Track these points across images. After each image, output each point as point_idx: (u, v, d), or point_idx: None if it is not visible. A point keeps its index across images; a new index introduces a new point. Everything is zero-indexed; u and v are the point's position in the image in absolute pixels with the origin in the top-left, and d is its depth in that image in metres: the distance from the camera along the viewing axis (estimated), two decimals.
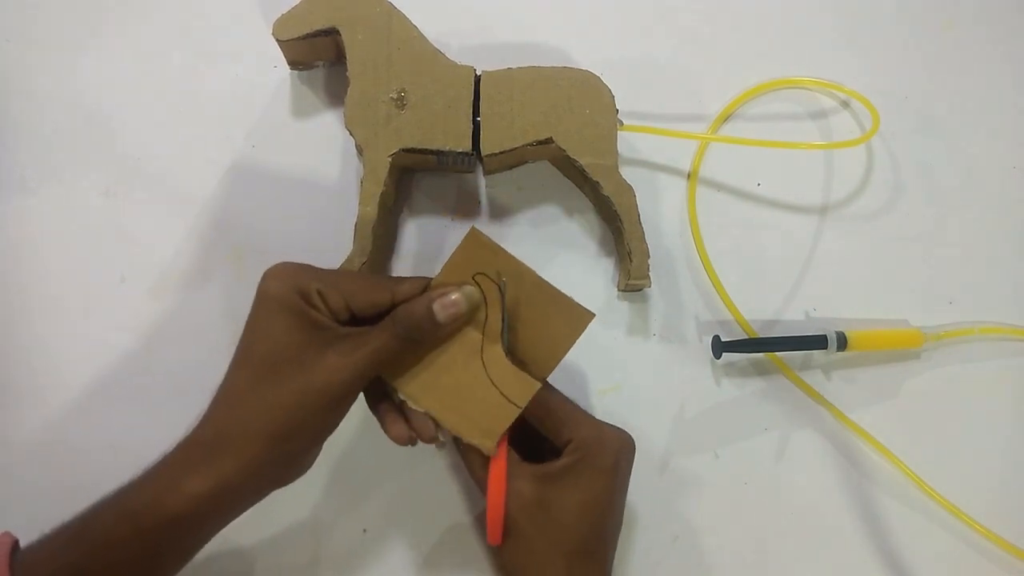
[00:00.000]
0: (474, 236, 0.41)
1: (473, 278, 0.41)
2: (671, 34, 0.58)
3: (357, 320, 0.40)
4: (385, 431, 0.41)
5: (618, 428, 0.42)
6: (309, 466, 0.40)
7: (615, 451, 0.40)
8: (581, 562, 0.39)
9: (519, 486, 0.39)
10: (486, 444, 0.40)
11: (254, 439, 0.36)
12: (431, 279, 0.42)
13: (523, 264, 0.41)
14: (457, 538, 0.48)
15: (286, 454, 0.37)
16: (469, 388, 0.41)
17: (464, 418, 0.41)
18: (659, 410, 0.51)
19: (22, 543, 0.37)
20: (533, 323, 0.42)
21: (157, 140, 0.54)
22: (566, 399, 0.43)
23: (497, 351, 0.41)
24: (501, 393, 0.41)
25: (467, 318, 0.41)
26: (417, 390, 0.41)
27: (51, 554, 0.35)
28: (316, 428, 0.38)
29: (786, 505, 0.50)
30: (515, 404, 0.40)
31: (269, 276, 0.38)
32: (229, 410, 0.37)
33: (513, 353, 0.42)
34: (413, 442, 0.41)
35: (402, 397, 0.41)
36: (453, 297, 0.39)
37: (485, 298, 0.41)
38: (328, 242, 0.51)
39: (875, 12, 0.60)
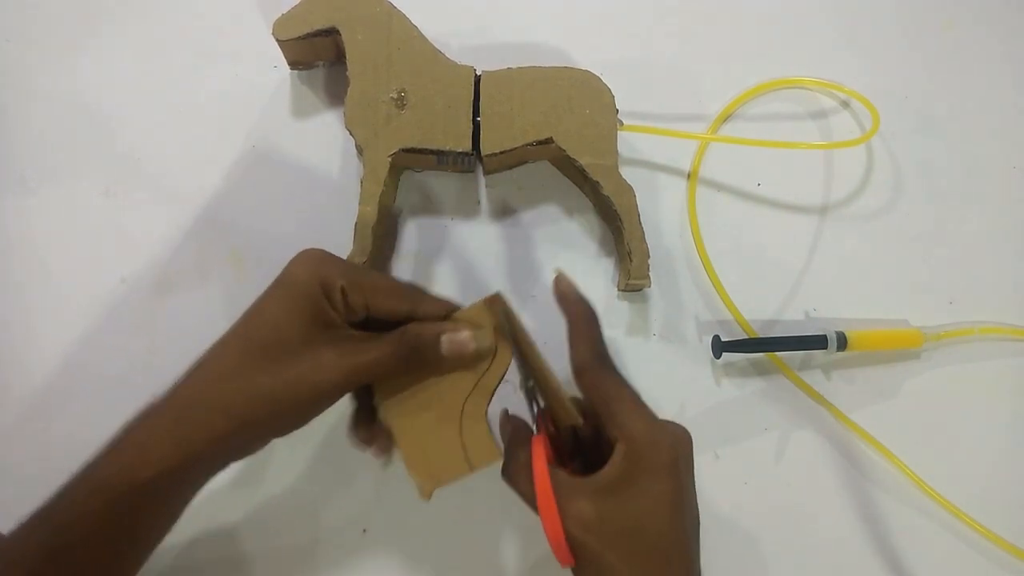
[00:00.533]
0: (498, 300, 0.40)
1: (495, 328, 0.40)
2: (671, 34, 0.58)
3: (370, 322, 0.40)
4: (352, 428, 0.41)
5: (672, 423, 0.39)
6: (283, 433, 0.39)
7: (670, 449, 0.37)
8: (661, 570, 0.37)
9: (575, 507, 0.36)
10: (425, 487, 0.39)
11: (229, 419, 0.35)
12: (455, 306, 0.41)
13: (537, 351, 0.40)
14: (457, 538, 0.48)
15: (255, 436, 0.37)
16: (437, 427, 0.40)
17: (418, 452, 0.40)
18: (659, 410, 0.50)
19: None
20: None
21: (157, 140, 0.54)
22: (623, 383, 0.39)
23: (480, 406, 0.40)
24: (463, 446, 0.39)
25: (470, 361, 0.40)
26: (392, 407, 0.40)
27: (24, 535, 0.35)
28: (292, 420, 0.37)
29: (786, 505, 0.50)
30: (469, 463, 0.39)
31: (299, 261, 0.38)
32: (210, 383, 0.36)
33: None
34: (364, 450, 0.41)
35: (376, 405, 0.40)
36: (464, 336, 0.38)
37: (496, 353, 0.40)
38: (328, 242, 0.50)
39: (875, 12, 0.60)
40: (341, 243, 0.48)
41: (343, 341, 0.37)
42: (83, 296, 0.51)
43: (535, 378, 0.40)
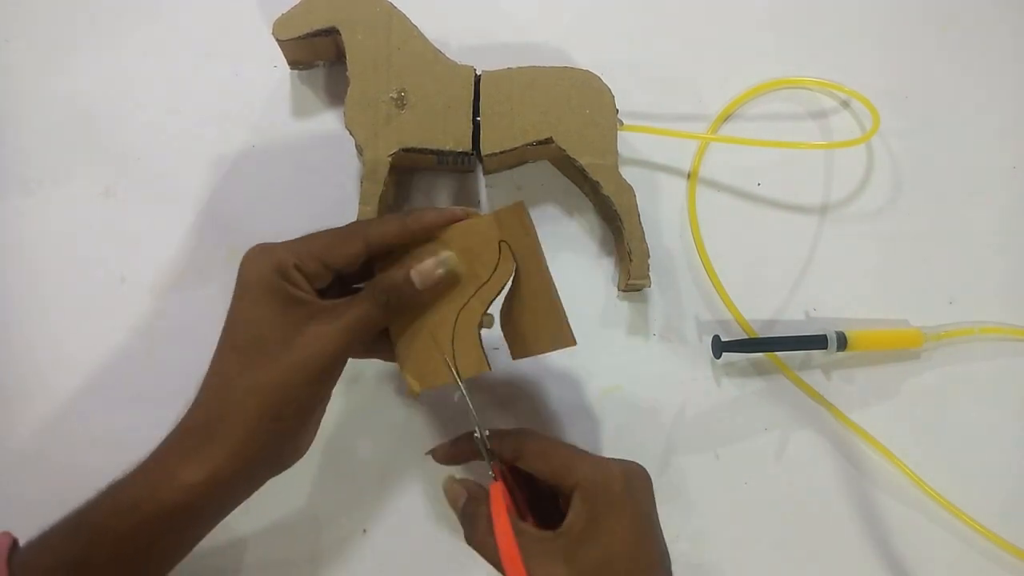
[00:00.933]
0: (518, 211, 0.40)
1: (499, 243, 0.41)
2: (671, 34, 0.58)
3: (342, 282, 0.40)
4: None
5: (625, 461, 0.40)
6: (304, 449, 0.40)
7: (622, 481, 0.38)
8: None
9: (544, 566, 0.35)
10: (412, 385, 0.40)
11: (244, 421, 0.36)
12: (406, 216, 0.41)
13: (545, 259, 0.41)
14: (457, 538, 0.48)
15: (278, 434, 0.37)
16: (431, 332, 0.41)
17: (410, 353, 0.41)
18: (659, 410, 0.51)
19: (21, 543, 0.37)
20: (523, 310, 0.42)
21: (157, 140, 0.54)
22: (564, 444, 0.41)
23: (474, 316, 0.41)
24: (453, 353, 0.40)
25: (448, 282, 0.40)
26: (398, 328, 0.41)
27: (49, 550, 0.35)
28: (304, 403, 0.38)
29: (786, 505, 0.50)
30: (456, 373, 0.40)
31: (245, 260, 0.38)
32: (217, 395, 0.37)
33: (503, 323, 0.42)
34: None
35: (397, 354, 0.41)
36: (428, 264, 0.39)
37: (497, 265, 0.41)
38: None
39: (875, 12, 0.60)
40: None
41: (322, 312, 0.38)
42: (83, 296, 0.51)
43: (530, 293, 0.41)
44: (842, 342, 0.50)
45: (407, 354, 0.41)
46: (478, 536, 0.38)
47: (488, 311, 0.41)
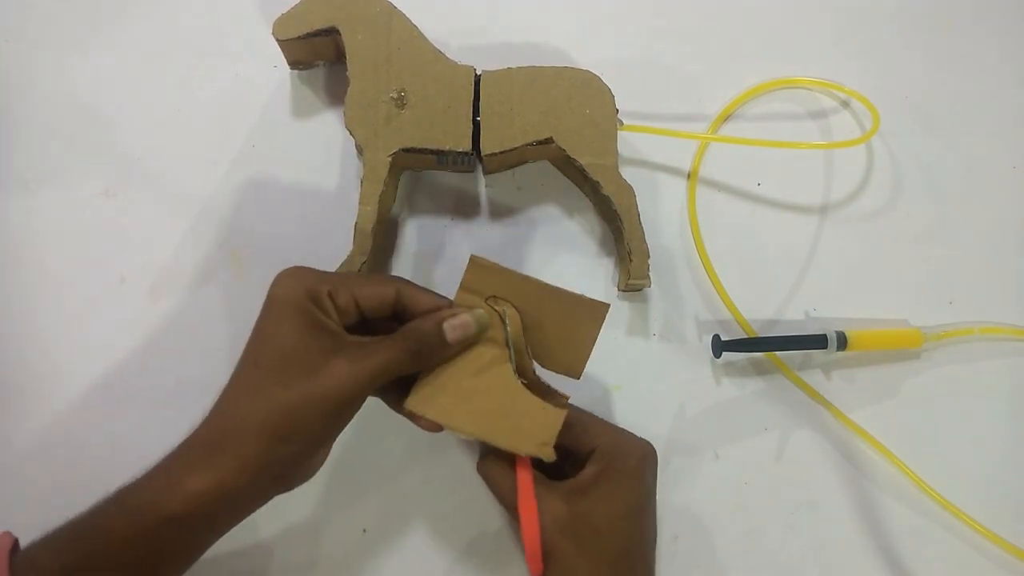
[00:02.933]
0: (475, 263, 0.41)
1: (486, 301, 0.41)
2: (671, 34, 0.58)
3: (367, 324, 0.40)
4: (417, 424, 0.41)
5: (641, 439, 0.42)
6: (314, 471, 0.40)
7: (639, 458, 0.40)
8: (625, 571, 0.39)
9: (552, 507, 0.38)
10: (545, 451, 0.39)
11: (253, 438, 0.36)
12: (446, 299, 0.41)
13: (529, 277, 0.41)
14: (457, 538, 0.48)
15: (287, 455, 0.37)
16: (509, 401, 0.40)
17: (507, 431, 0.39)
18: (659, 410, 0.51)
19: (22, 542, 0.37)
20: (555, 329, 0.42)
21: (157, 140, 0.54)
22: (583, 410, 0.43)
23: (526, 365, 0.41)
24: (543, 402, 0.40)
25: (476, 339, 0.41)
26: (430, 401, 0.40)
27: (52, 553, 0.35)
28: (317, 432, 0.38)
29: (786, 505, 0.50)
30: (561, 407, 0.40)
31: (280, 280, 0.38)
32: (230, 409, 0.37)
33: (542, 361, 0.42)
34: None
35: (411, 410, 0.40)
36: (464, 319, 0.40)
37: (506, 315, 0.41)
38: (328, 242, 0.51)
39: (875, 12, 0.60)
40: (341, 243, 0.48)
41: (349, 348, 0.37)
42: (83, 296, 0.51)
43: (540, 314, 0.41)
44: (842, 342, 0.50)
45: (507, 434, 0.39)
46: (490, 466, 0.41)
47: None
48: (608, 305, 0.41)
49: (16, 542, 0.37)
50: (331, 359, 0.37)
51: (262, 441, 0.36)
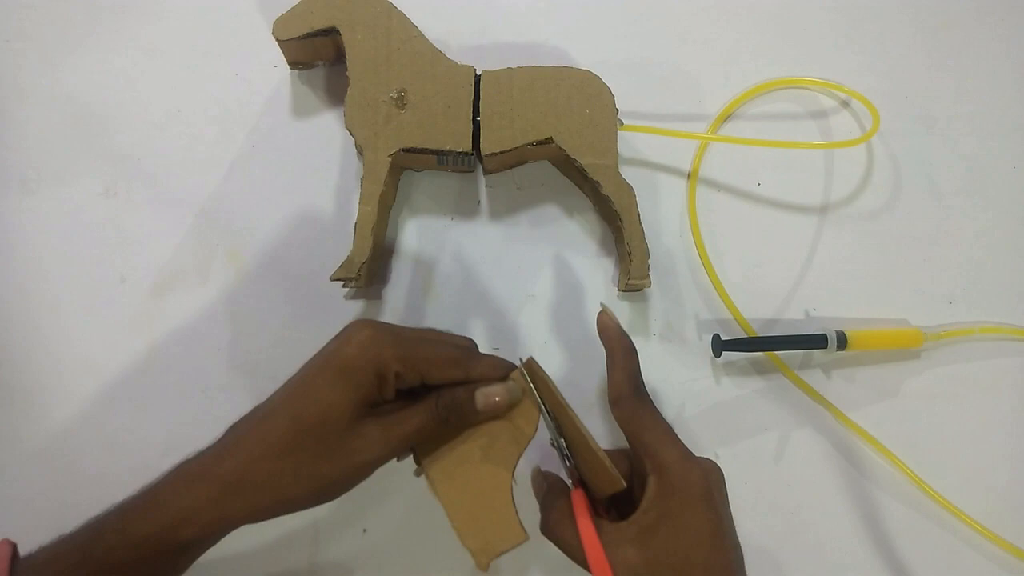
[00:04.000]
0: (531, 366, 0.40)
1: (535, 400, 0.40)
2: (671, 34, 0.58)
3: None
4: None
5: (703, 458, 0.40)
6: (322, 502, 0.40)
7: (702, 480, 0.38)
8: None
9: (622, 555, 0.36)
10: (480, 560, 0.39)
11: (274, 497, 0.36)
12: (510, 366, 0.41)
13: (569, 409, 0.39)
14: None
15: (298, 509, 0.38)
16: (487, 496, 0.40)
17: (469, 521, 0.39)
18: (659, 410, 0.51)
19: (22, 543, 0.37)
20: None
21: (157, 140, 0.54)
22: (657, 416, 0.40)
23: (511, 462, 0.41)
24: (516, 513, 0.40)
25: (503, 411, 0.40)
26: (435, 468, 0.40)
27: (52, 565, 0.35)
28: (335, 494, 0.38)
29: (786, 505, 0.50)
30: (524, 531, 0.39)
31: (354, 341, 0.37)
32: (258, 461, 0.36)
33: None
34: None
35: (421, 463, 0.40)
36: (496, 389, 0.39)
37: (526, 416, 0.41)
38: (328, 242, 0.51)
39: (875, 12, 0.60)
40: (341, 243, 0.48)
41: (385, 415, 0.38)
42: (83, 296, 0.51)
43: (570, 442, 0.40)
44: (842, 341, 0.50)
45: (466, 524, 0.39)
46: (552, 522, 0.39)
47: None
48: (624, 486, 0.39)
49: (15, 549, 0.36)
50: (366, 428, 0.37)
51: (274, 500, 0.36)
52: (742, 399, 0.51)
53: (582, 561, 0.37)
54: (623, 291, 0.52)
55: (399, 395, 0.39)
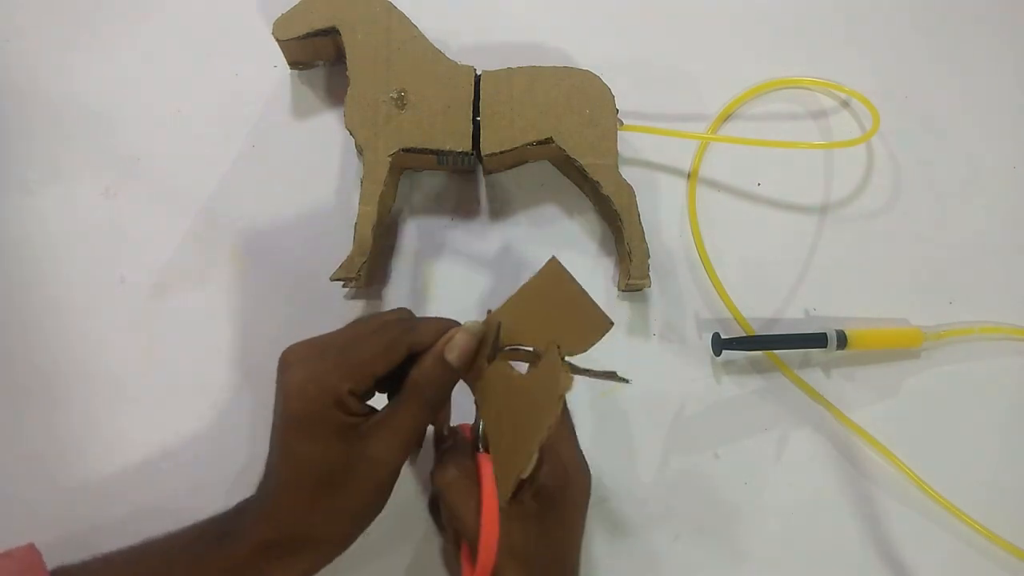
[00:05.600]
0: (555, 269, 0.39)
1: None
2: (671, 34, 0.58)
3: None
4: None
5: (583, 458, 0.41)
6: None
7: (587, 486, 0.40)
8: None
9: (505, 531, 0.37)
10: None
11: (333, 543, 0.37)
12: (451, 321, 0.39)
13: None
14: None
15: (356, 537, 0.38)
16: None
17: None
18: (659, 410, 0.51)
19: (22, 542, 0.37)
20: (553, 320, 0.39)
21: (157, 140, 0.54)
22: (565, 415, 0.41)
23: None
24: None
25: (477, 350, 0.38)
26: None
27: None
28: (378, 509, 0.38)
29: (786, 505, 0.50)
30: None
31: (295, 385, 0.36)
32: (298, 519, 0.36)
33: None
34: None
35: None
36: (458, 339, 0.38)
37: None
38: (328, 242, 0.51)
39: (875, 12, 0.60)
40: (341, 243, 0.48)
41: (374, 430, 0.37)
42: (83, 296, 0.51)
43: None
44: (842, 341, 0.50)
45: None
46: (449, 480, 0.38)
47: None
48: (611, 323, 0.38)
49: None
50: (364, 450, 0.36)
51: (337, 544, 0.37)
52: (742, 399, 0.51)
53: (467, 528, 0.37)
54: (623, 291, 0.52)
55: (384, 386, 0.39)
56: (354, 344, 0.37)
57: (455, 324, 0.39)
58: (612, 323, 0.38)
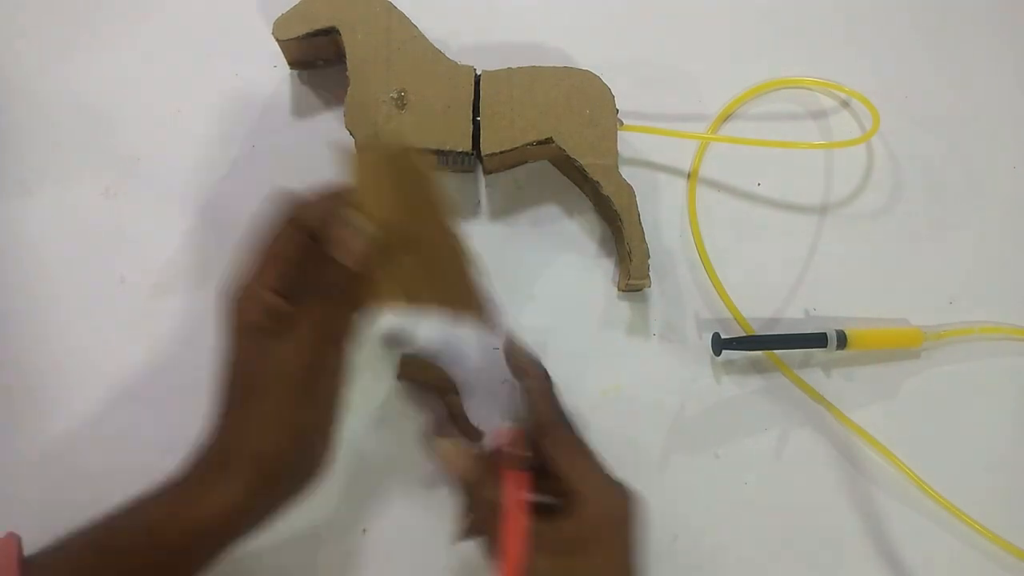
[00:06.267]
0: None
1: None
2: (671, 34, 0.58)
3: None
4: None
5: (625, 484, 0.39)
6: (322, 469, 0.40)
7: (626, 511, 0.38)
8: None
9: (535, 558, 0.35)
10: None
11: (268, 455, 0.36)
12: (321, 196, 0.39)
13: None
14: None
15: (300, 457, 0.38)
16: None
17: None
18: (659, 410, 0.51)
19: (25, 541, 0.37)
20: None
21: (157, 140, 0.54)
22: (582, 441, 0.40)
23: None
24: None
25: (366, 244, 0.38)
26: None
27: (64, 559, 0.36)
28: (306, 415, 0.38)
29: (786, 505, 0.50)
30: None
31: (235, 310, 0.38)
32: (230, 431, 0.37)
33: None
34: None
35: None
36: (350, 242, 0.38)
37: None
38: None
39: (875, 12, 0.60)
40: None
41: (288, 326, 0.37)
42: (83, 296, 0.51)
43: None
44: (842, 341, 0.50)
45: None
46: (481, 505, 0.38)
47: None
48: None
49: (20, 543, 0.37)
50: (283, 345, 0.37)
51: (271, 459, 0.36)
52: (742, 399, 0.51)
53: (492, 546, 0.37)
54: (623, 291, 0.52)
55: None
56: (264, 258, 0.38)
57: (333, 200, 0.39)
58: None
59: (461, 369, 0.48)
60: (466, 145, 0.49)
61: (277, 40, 0.50)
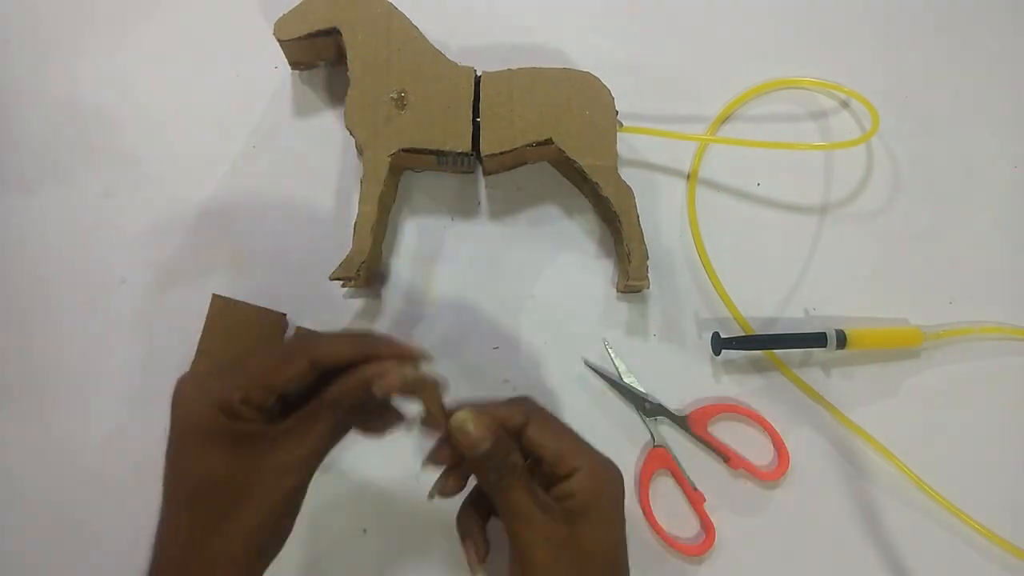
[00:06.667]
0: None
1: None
2: (671, 34, 0.58)
3: (289, 403, 0.37)
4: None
5: (610, 461, 0.40)
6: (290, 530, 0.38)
7: (619, 483, 0.39)
8: None
9: (549, 527, 0.37)
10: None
11: (234, 565, 0.34)
12: (361, 338, 0.39)
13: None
14: (457, 538, 0.48)
15: (266, 555, 0.36)
16: None
17: None
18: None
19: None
20: None
21: (157, 140, 0.54)
22: (566, 425, 0.40)
23: None
24: None
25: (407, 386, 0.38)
26: None
27: None
28: (283, 529, 0.37)
29: (786, 505, 0.50)
30: None
31: (180, 401, 0.35)
32: (191, 539, 0.34)
33: None
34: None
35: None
36: (389, 378, 0.36)
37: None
38: (328, 242, 0.51)
39: (875, 12, 0.60)
40: (341, 243, 0.48)
41: (280, 440, 0.35)
42: (83, 296, 0.51)
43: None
44: (841, 340, 0.50)
45: None
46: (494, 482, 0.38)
47: None
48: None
49: None
50: (263, 463, 0.34)
51: (238, 569, 0.34)
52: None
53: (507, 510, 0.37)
54: (622, 292, 0.52)
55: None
56: (249, 358, 0.36)
57: (363, 341, 0.38)
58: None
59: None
60: (466, 146, 0.49)
61: (278, 41, 0.51)
